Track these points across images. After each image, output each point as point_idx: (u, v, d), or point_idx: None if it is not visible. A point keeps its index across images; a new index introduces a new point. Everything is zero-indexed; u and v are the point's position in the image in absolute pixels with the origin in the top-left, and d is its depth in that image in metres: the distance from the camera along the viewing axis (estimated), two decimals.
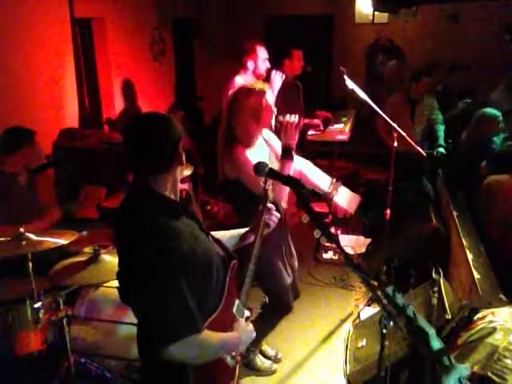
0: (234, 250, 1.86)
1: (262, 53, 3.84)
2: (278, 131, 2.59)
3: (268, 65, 3.85)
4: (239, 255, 1.84)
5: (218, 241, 1.79)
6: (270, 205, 1.89)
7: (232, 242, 1.93)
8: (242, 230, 1.96)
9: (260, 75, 3.80)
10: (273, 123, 2.93)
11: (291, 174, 2.30)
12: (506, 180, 3.35)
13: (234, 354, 1.68)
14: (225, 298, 1.65)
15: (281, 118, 2.49)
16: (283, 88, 3.70)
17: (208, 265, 1.57)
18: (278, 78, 3.60)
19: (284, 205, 2.72)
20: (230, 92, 2.68)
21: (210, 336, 1.52)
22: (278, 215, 1.92)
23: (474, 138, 4.25)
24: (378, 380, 1.85)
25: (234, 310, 1.69)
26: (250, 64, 3.78)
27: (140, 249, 1.45)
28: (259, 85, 2.54)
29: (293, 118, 2.45)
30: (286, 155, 2.47)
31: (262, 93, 2.48)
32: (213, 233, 1.91)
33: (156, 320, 1.44)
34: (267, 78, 3.67)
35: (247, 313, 1.77)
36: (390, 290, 1.34)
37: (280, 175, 1.89)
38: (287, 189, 2.46)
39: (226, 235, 1.94)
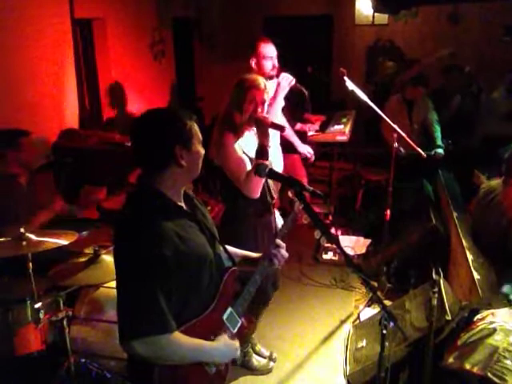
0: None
1: (266, 50, 3.35)
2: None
3: (276, 63, 3.36)
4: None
5: (223, 245, 1.78)
6: (278, 241, 1.80)
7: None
8: (246, 253, 1.91)
9: (265, 74, 3.32)
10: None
11: None
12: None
13: (216, 363, 1.62)
14: (216, 302, 1.62)
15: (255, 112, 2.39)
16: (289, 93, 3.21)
17: (198, 267, 1.56)
18: (284, 83, 2.98)
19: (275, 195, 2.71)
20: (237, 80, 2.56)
21: (181, 340, 1.48)
22: (286, 255, 1.80)
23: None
24: (377, 380, 1.85)
25: (225, 317, 1.63)
26: (253, 63, 3.52)
27: (121, 246, 1.51)
28: (262, 80, 2.48)
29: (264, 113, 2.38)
30: (260, 155, 2.35)
31: (263, 88, 2.43)
32: None
33: (125, 315, 1.46)
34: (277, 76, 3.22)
35: (239, 323, 1.69)
36: None
37: (280, 176, 1.89)
38: (262, 181, 2.40)
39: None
